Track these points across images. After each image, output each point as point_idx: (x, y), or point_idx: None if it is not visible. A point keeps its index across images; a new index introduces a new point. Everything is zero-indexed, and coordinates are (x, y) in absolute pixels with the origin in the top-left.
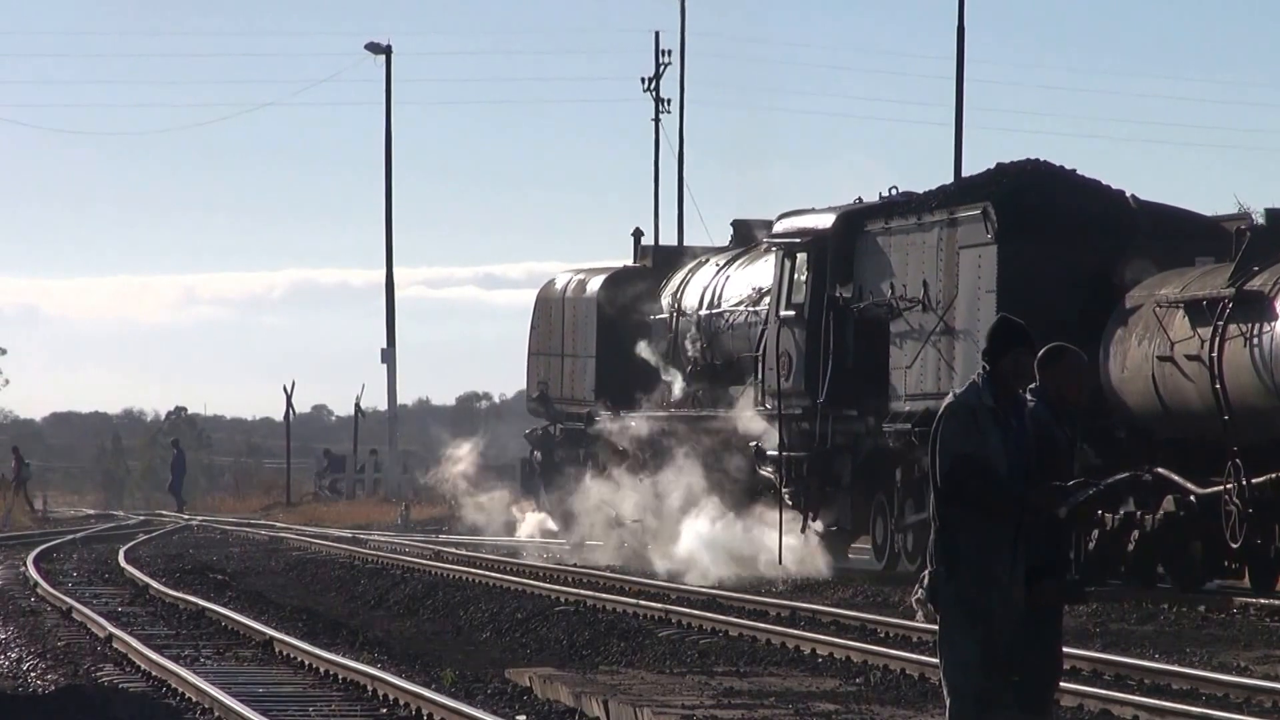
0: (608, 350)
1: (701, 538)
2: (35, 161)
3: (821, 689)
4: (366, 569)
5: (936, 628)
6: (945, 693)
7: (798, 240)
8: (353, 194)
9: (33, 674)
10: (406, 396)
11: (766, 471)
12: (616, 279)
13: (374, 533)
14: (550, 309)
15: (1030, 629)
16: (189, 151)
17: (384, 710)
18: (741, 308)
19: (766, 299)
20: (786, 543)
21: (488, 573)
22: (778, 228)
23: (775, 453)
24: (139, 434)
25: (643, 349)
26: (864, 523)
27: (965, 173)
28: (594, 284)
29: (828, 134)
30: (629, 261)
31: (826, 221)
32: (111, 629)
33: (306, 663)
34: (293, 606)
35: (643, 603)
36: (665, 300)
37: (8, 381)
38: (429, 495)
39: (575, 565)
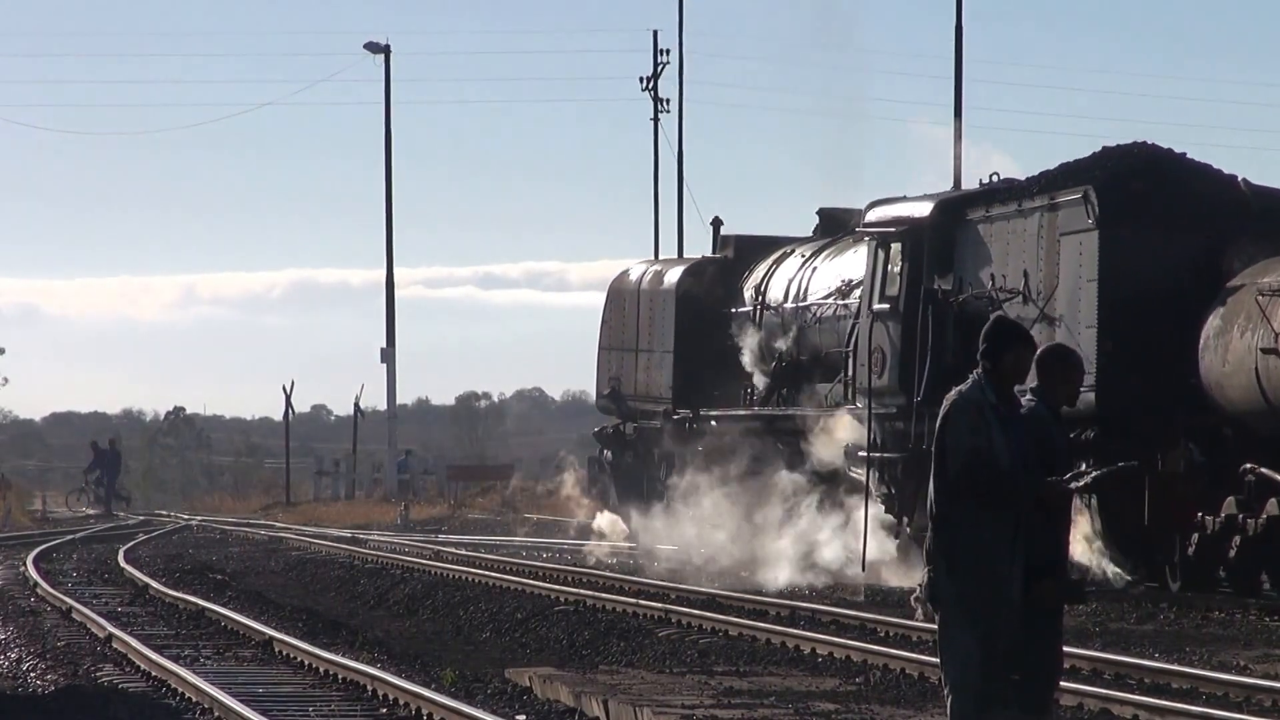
0: (686, 345)
1: (784, 543)
2: (35, 161)
3: (821, 688)
4: (366, 569)
5: (936, 626)
6: (946, 691)
7: (892, 230)
8: (352, 194)
9: (32, 674)
10: (406, 396)
11: (857, 473)
12: (696, 270)
13: (374, 533)
14: (624, 301)
15: (1030, 628)
16: (189, 151)
17: (384, 710)
18: (830, 301)
19: (857, 292)
20: (879, 549)
21: (487, 572)
22: (870, 216)
23: (866, 454)
24: (139, 434)
25: (724, 345)
26: None
27: (964, 175)
28: (672, 275)
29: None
30: (707, 252)
31: (923, 210)
32: (111, 629)
33: (306, 663)
34: (292, 606)
35: (642, 602)
36: (748, 293)
37: (7, 381)
38: (426, 496)
39: (576, 566)
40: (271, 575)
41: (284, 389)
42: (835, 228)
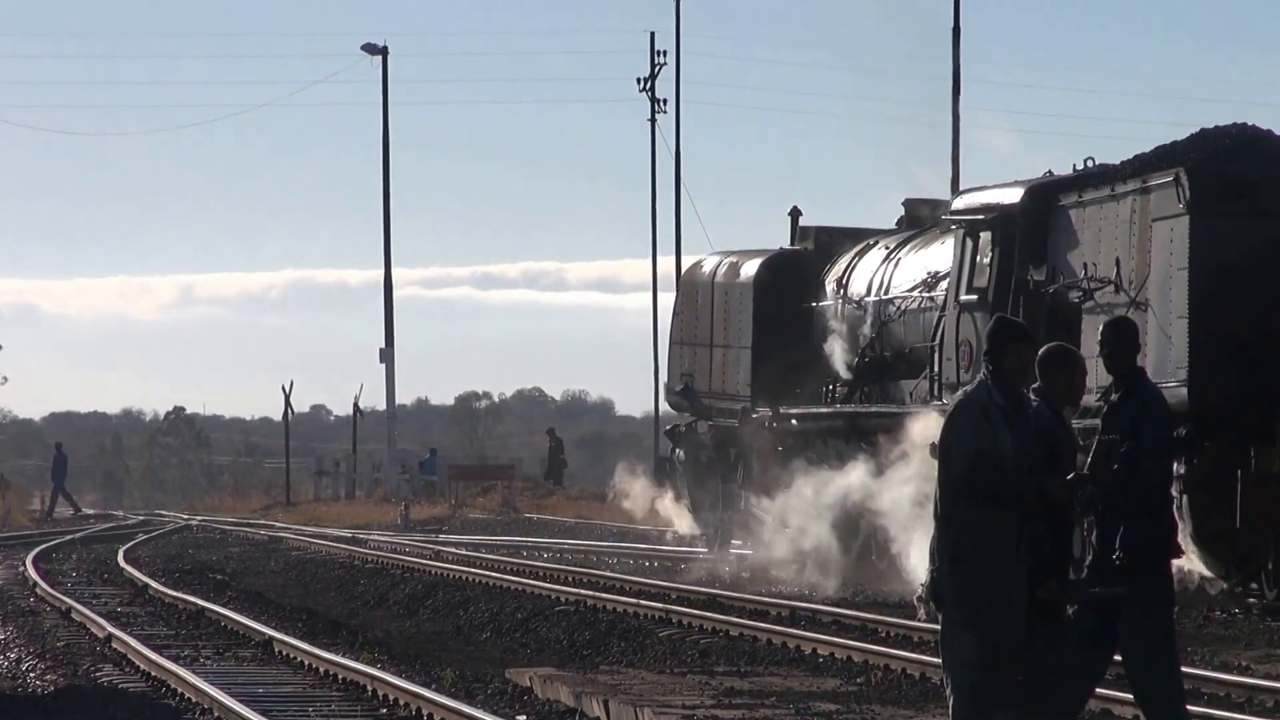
0: (765, 341)
1: (866, 547)
2: (34, 162)
3: (822, 689)
4: (366, 569)
5: (938, 626)
6: (947, 691)
7: (981, 218)
8: (350, 194)
9: (32, 674)
10: (405, 396)
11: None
12: (775, 263)
13: (374, 533)
14: (697, 294)
15: (1034, 629)
16: (187, 152)
17: (384, 710)
18: (915, 293)
19: (943, 284)
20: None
21: (488, 573)
22: (957, 204)
23: None
24: (138, 434)
25: (804, 340)
26: None
27: (963, 177)
28: (749, 268)
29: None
30: (785, 244)
31: (1014, 196)
32: (111, 629)
33: (306, 663)
34: (292, 606)
35: (643, 602)
36: (829, 286)
37: (6, 379)
38: (428, 495)
39: (576, 566)
40: (271, 575)
41: (283, 389)
42: (920, 219)
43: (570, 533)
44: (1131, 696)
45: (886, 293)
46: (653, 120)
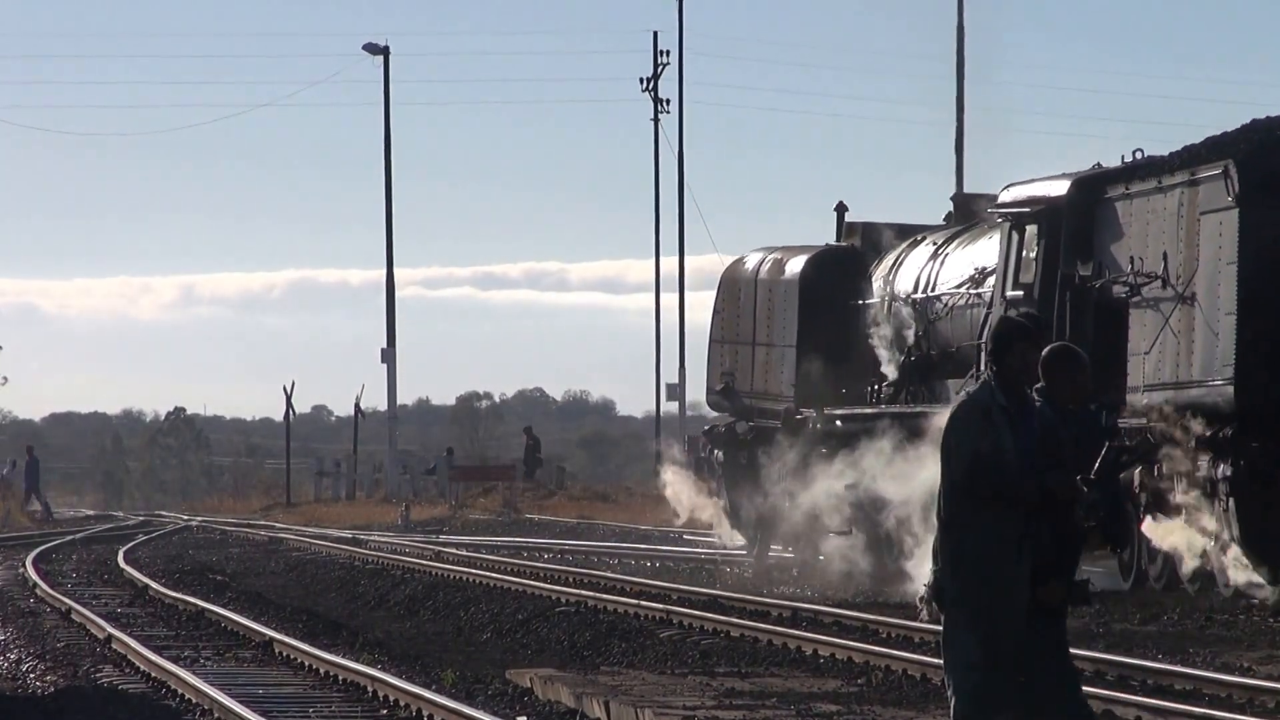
0: (809, 339)
1: (910, 551)
2: (34, 162)
3: (823, 690)
4: (366, 570)
5: (940, 627)
6: (949, 692)
7: (1027, 210)
8: (351, 194)
9: (32, 675)
10: (406, 397)
11: None
12: (820, 259)
13: (374, 533)
14: (739, 291)
15: (1035, 630)
16: (188, 152)
17: (384, 711)
18: (962, 290)
19: (990, 280)
20: None
21: (488, 573)
22: (1003, 197)
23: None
24: (138, 434)
25: (851, 339)
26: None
27: (964, 178)
28: (794, 264)
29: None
30: (832, 240)
31: (1060, 189)
32: (111, 630)
33: (306, 663)
34: (292, 607)
35: (644, 603)
36: (876, 284)
37: (6, 379)
38: (427, 496)
39: (577, 566)
40: (272, 576)
41: (284, 389)
42: (968, 215)
43: (571, 533)
44: (1134, 697)
45: (933, 290)
46: (656, 120)
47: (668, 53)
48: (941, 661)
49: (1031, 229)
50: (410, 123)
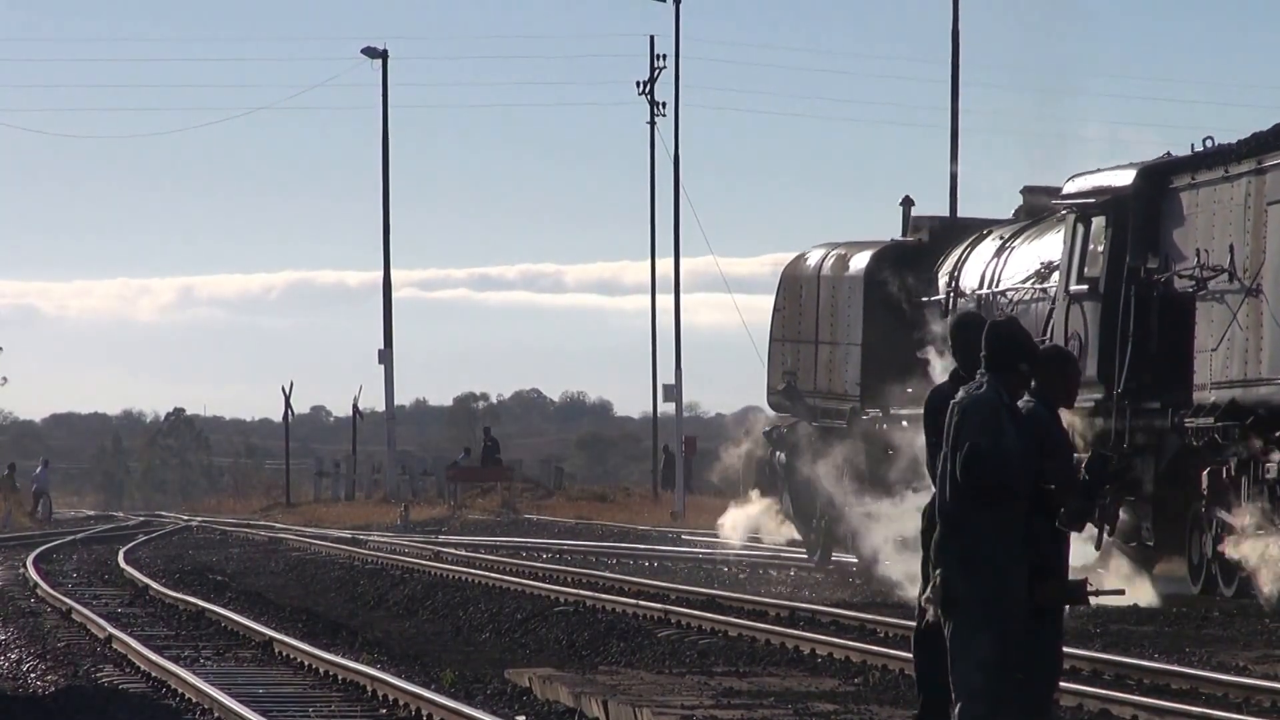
0: (875, 337)
1: None
2: (35, 164)
3: (821, 689)
4: (366, 570)
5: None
6: (955, 693)
7: (1092, 201)
8: (349, 196)
9: (33, 675)
10: (404, 397)
11: None
12: (885, 255)
13: (373, 533)
14: (801, 289)
15: (1032, 629)
16: (187, 154)
17: (383, 711)
18: (1027, 285)
19: (1056, 274)
20: (1079, 558)
21: (487, 573)
22: (1068, 188)
23: None
24: (138, 435)
25: (916, 337)
26: (1172, 538)
27: (961, 179)
28: (859, 261)
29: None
30: (897, 235)
31: (1125, 178)
32: (111, 630)
33: (306, 663)
34: (292, 607)
35: (642, 603)
36: (941, 280)
37: (6, 380)
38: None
39: (575, 566)
40: (271, 576)
41: (283, 390)
42: (1038, 208)
43: (569, 534)
44: (1131, 696)
45: (997, 285)
46: (652, 123)
47: (664, 56)
48: (948, 663)
49: (1098, 221)
50: (408, 126)
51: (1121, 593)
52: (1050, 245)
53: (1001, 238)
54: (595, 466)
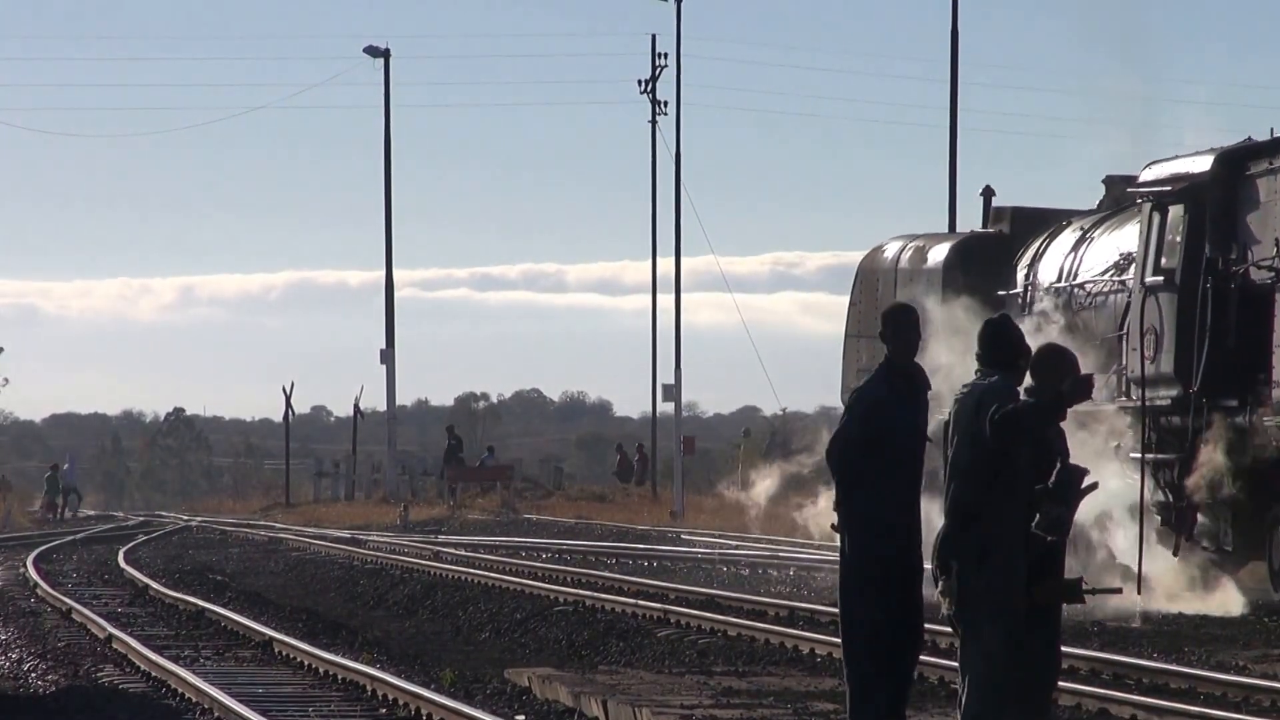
0: (953, 335)
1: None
2: (35, 163)
3: (820, 688)
4: (365, 569)
5: (944, 626)
6: (965, 686)
7: (1168, 189)
8: (350, 196)
9: (33, 674)
10: (405, 397)
11: (1131, 480)
12: (965, 247)
13: (373, 533)
14: (877, 283)
15: (1029, 626)
16: (187, 153)
17: (383, 710)
18: (1105, 277)
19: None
20: (1152, 569)
21: (487, 573)
22: (1145, 176)
23: (1138, 455)
24: (138, 435)
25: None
26: (1253, 543)
27: (960, 180)
28: (937, 253)
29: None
30: (976, 226)
31: (1202, 165)
32: (111, 629)
33: (306, 663)
34: (292, 607)
35: (641, 603)
36: (1020, 273)
37: (7, 381)
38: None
39: (575, 566)
40: (271, 576)
41: (284, 390)
42: (1123, 198)
43: (569, 533)
44: (1129, 696)
45: (1075, 278)
46: (653, 122)
47: (666, 55)
48: (937, 661)
49: (1175, 209)
50: (410, 125)
51: (1119, 590)
52: (1130, 236)
53: (1081, 229)
54: (595, 466)
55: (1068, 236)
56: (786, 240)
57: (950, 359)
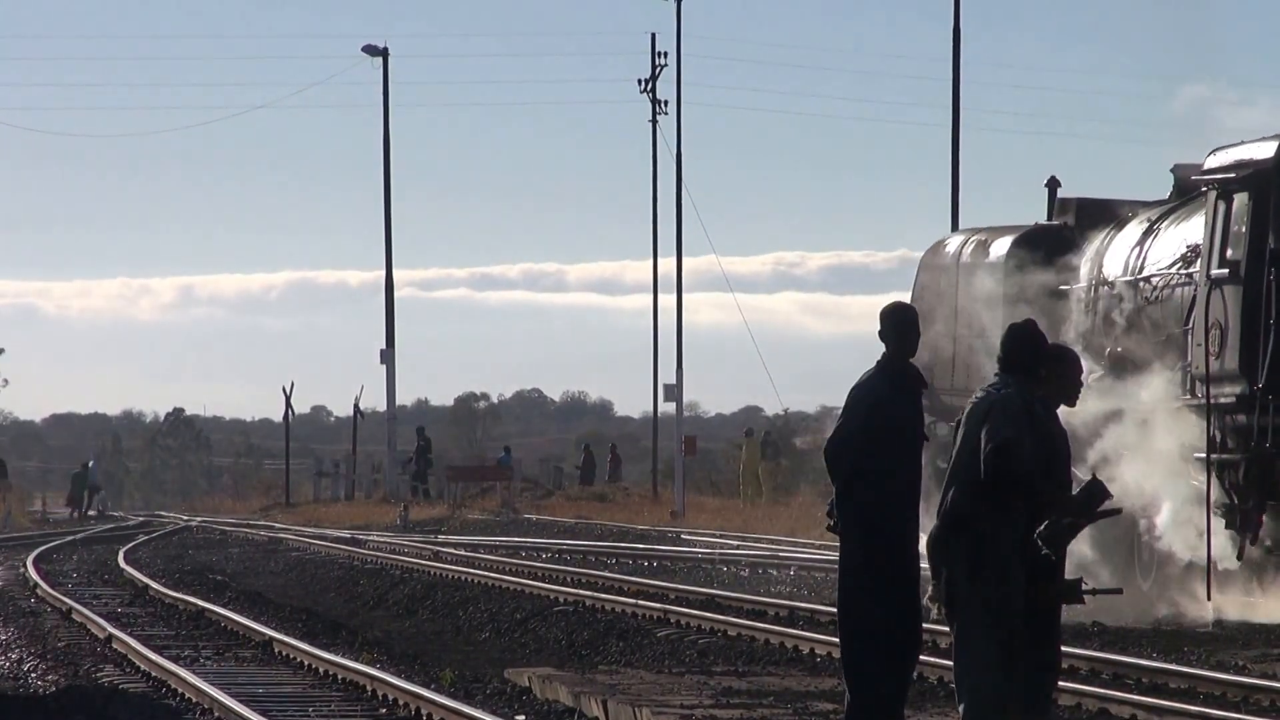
0: None
1: (1102, 565)
2: (35, 163)
3: (820, 688)
4: (365, 569)
5: (943, 628)
6: (961, 693)
7: (1233, 176)
8: (349, 196)
9: (33, 675)
10: (405, 397)
11: (1196, 481)
12: (1028, 240)
13: (373, 533)
14: (939, 278)
15: (1030, 629)
16: (187, 153)
17: (383, 710)
18: (1172, 270)
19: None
20: (1219, 571)
21: (486, 573)
22: (1210, 162)
23: (1202, 455)
24: (138, 435)
25: (1059, 329)
26: None
27: (961, 180)
28: (999, 247)
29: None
30: (1041, 219)
31: (1267, 150)
32: (111, 630)
33: (306, 663)
34: (292, 607)
35: (641, 603)
36: (1084, 267)
37: (7, 382)
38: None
39: (575, 566)
40: (271, 576)
41: (284, 390)
42: (1192, 187)
43: (569, 533)
44: (1129, 695)
45: (1141, 271)
46: (654, 121)
47: (666, 54)
48: (937, 661)
49: (1240, 198)
50: (408, 124)
51: (1119, 591)
52: (1197, 227)
53: (1148, 220)
54: (595, 466)
55: (1133, 229)
56: (787, 240)
57: None
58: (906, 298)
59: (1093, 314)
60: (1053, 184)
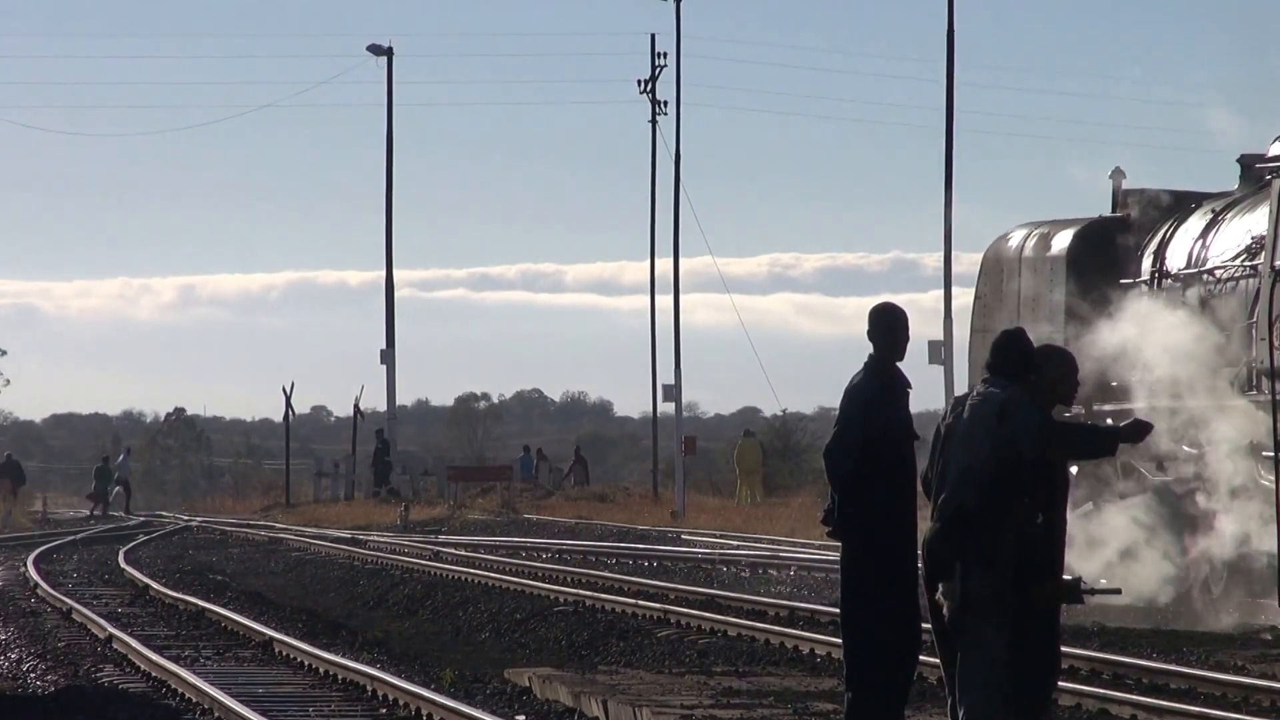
0: (1078, 326)
1: (1178, 569)
2: (35, 162)
3: (820, 689)
4: (366, 569)
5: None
6: (963, 690)
7: None
8: (350, 195)
9: (33, 675)
10: (405, 398)
11: (1267, 480)
12: (1090, 233)
13: (373, 533)
14: (1001, 273)
15: (1029, 629)
16: (189, 152)
17: (383, 710)
18: (1236, 263)
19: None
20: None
21: (487, 573)
22: (1274, 150)
23: (1270, 454)
24: (139, 435)
25: (1122, 324)
26: None
27: (955, 181)
28: (1060, 240)
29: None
30: (1105, 210)
31: None
32: (111, 630)
33: (306, 663)
34: (292, 607)
35: (641, 603)
36: (1146, 260)
37: (8, 382)
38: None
39: (578, 567)
40: (271, 576)
41: (284, 390)
42: (1260, 177)
43: (569, 533)
44: (1129, 696)
45: (1204, 263)
46: (653, 122)
47: (665, 55)
48: (937, 661)
49: None
50: (409, 123)
51: (1118, 591)
52: (1262, 218)
53: (1212, 211)
54: (595, 466)
55: (1197, 220)
56: (783, 241)
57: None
58: (905, 298)
59: (1155, 306)
60: (1117, 174)
